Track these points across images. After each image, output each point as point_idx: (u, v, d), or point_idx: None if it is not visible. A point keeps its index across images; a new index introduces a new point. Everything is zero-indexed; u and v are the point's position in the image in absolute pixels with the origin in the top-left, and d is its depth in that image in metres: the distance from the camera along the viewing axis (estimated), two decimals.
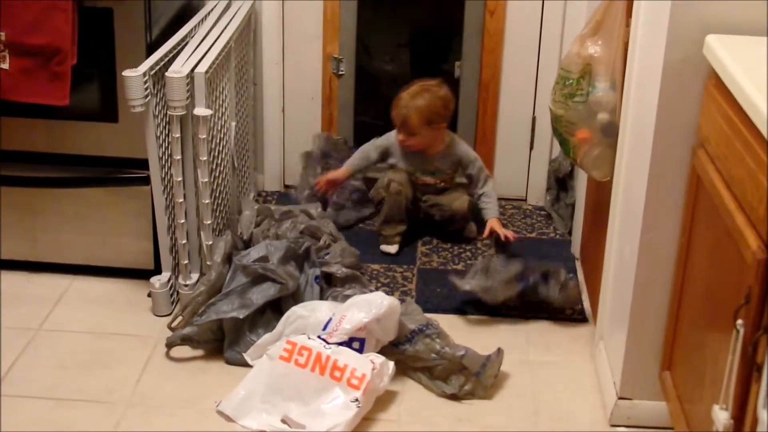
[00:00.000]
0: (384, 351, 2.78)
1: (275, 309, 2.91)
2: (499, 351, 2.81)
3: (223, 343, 2.90)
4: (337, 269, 3.09)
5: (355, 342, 2.73)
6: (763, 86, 1.86)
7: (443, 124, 3.54)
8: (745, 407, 1.86)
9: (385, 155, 3.63)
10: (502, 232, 3.48)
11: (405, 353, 2.81)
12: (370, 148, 3.65)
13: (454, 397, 2.77)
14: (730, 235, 1.97)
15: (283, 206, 3.38)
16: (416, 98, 3.47)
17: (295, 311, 2.85)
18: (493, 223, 3.52)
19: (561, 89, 2.94)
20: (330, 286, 3.07)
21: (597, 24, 2.84)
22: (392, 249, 3.52)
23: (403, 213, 3.54)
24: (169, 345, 2.93)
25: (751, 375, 1.81)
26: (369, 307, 2.74)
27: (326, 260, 3.11)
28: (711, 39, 2.17)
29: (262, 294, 2.89)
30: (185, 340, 2.92)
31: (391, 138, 3.62)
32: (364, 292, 2.96)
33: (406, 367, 2.83)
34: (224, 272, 2.96)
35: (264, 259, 2.94)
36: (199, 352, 2.93)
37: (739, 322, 1.84)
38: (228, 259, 3.01)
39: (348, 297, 2.90)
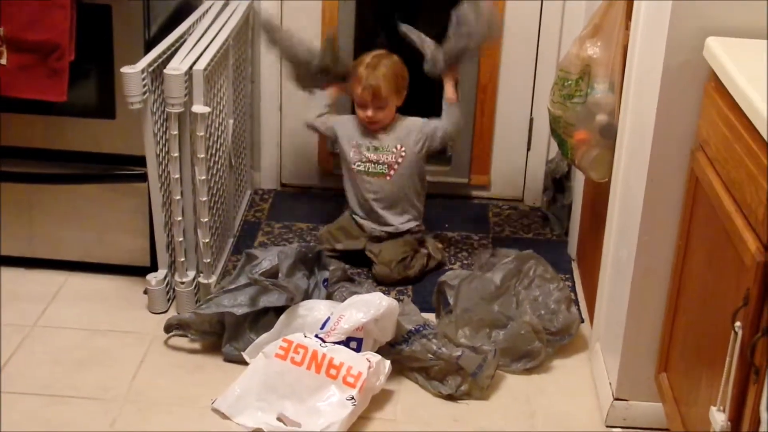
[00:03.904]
0: (381, 351, 2.77)
1: (278, 309, 2.90)
2: (496, 352, 2.81)
3: (220, 339, 2.90)
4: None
5: (353, 342, 2.73)
6: (763, 89, 1.86)
7: (405, 92, 3.41)
8: (742, 409, 1.86)
9: (331, 135, 3.52)
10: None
11: (402, 353, 2.81)
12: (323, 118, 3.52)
13: (451, 398, 2.77)
14: (728, 238, 1.97)
15: None
16: (378, 68, 3.35)
17: (294, 310, 2.85)
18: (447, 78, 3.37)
19: (560, 90, 2.94)
20: None
21: (596, 25, 2.84)
22: None
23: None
24: (167, 328, 2.95)
25: (749, 377, 1.82)
26: (367, 307, 2.74)
27: None
28: (711, 41, 2.17)
29: (266, 299, 2.88)
30: (182, 326, 2.94)
31: (339, 120, 3.51)
32: (370, 291, 2.96)
33: (402, 368, 2.83)
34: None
35: (275, 269, 2.94)
36: (196, 346, 2.94)
37: (738, 324, 1.84)
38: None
39: (354, 293, 2.90)
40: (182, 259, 3.06)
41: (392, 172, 3.40)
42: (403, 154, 3.40)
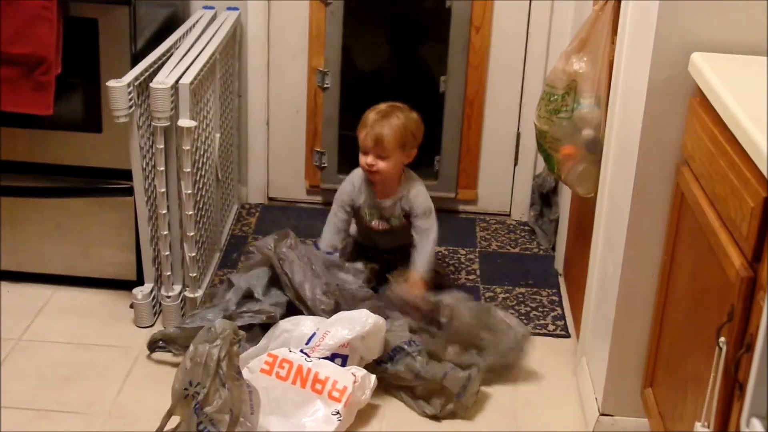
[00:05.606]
0: (366, 368, 2.76)
1: (263, 324, 2.89)
2: (479, 368, 2.80)
3: None
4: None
5: (338, 359, 2.71)
6: (747, 104, 1.87)
7: (414, 151, 3.21)
8: (726, 425, 1.86)
9: (352, 200, 3.29)
10: (413, 296, 3.08)
11: (386, 372, 2.80)
12: (335, 208, 3.32)
13: (435, 418, 2.76)
14: (713, 253, 1.97)
15: None
16: (389, 117, 3.15)
17: (280, 325, 2.84)
18: (414, 278, 3.16)
19: (546, 105, 2.94)
20: None
21: (582, 40, 2.85)
22: None
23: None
24: (151, 343, 2.95)
25: (734, 393, 1.81)
26: (353, 324, 2.73)
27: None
28: (696, 57, 2.18)
29: (249, 318, 2.89)
30: (168, 342, 2.93)
31: (352, 178, 3.31)
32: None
33: (388, 385, 2.82)
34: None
35: (248, 292, 2.95)
36: (180, 361, 2.92)
37: (722, 339, 1.84)
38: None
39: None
40: (168, 273, 3.06)
41: (396, 229, 3.32)
42: (405, 218, 3.29)
